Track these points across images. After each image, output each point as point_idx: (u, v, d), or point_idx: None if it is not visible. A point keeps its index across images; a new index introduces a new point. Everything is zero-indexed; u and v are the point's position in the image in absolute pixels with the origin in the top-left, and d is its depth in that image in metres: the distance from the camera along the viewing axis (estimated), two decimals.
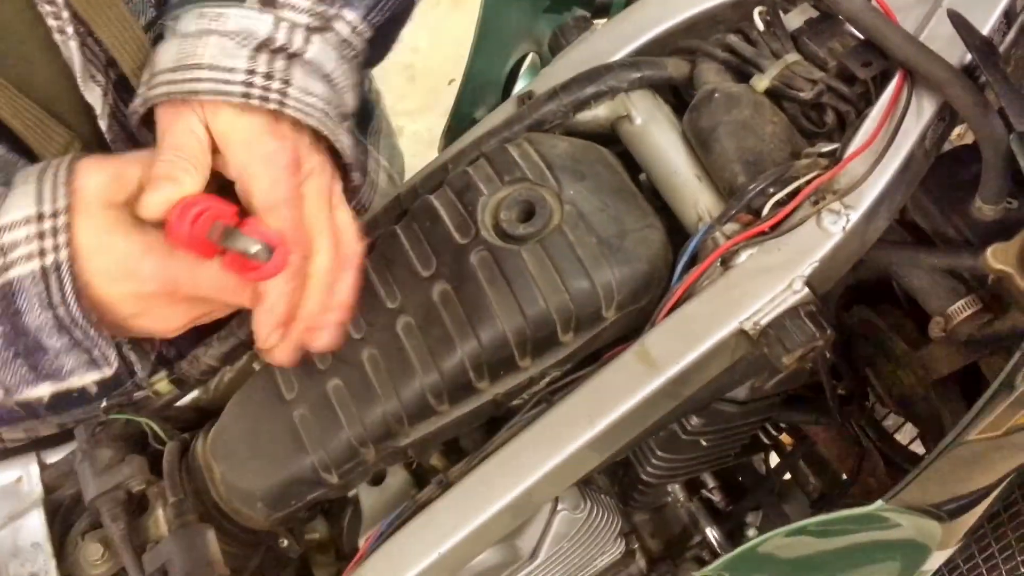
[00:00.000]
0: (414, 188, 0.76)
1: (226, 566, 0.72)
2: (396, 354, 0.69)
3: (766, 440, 1.02)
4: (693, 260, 0.66)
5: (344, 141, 0.58)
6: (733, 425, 0.87)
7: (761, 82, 0.67)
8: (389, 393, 0.69)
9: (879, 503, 0.56)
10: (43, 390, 0.59)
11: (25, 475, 0.80)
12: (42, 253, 0.54)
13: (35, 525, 0.77)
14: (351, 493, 0.82)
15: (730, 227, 0.65)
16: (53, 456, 0.81)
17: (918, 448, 0.96)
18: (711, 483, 1.05)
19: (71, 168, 0.56)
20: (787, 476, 1.13)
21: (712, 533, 1.01)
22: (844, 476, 1.05)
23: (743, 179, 0.64)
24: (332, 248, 0.61)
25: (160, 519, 0.75)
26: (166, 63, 0.56)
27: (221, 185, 0.59)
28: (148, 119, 0.60)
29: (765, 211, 0.63)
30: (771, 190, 0.62)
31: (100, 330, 0.57)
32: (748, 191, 0.62)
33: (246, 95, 0.54)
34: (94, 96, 0.63)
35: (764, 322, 0.62)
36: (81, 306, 0.55)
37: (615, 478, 1.00)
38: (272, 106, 0.54)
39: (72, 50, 0.60)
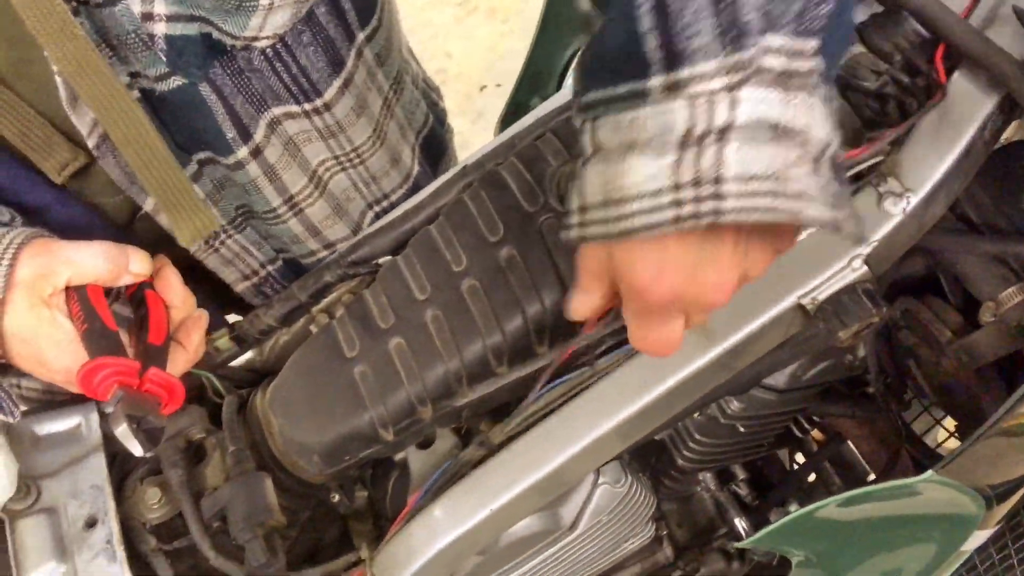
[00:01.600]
0: (480, 162, 0.79)
1: None
2: (460, 315, 0.71)
3: (798, 433, 1.04)
4: None
5: (810, 213, 0.45)
6: (770, 412, 0.90)
7: None
8: (451, 353, 0.71)
9: (930, 472, 0.58)
10: None
11: (85, 422, 0.83)
12: None
13: (95, 468, 0.79)
14: (398, 456, 0.84)
15: None
16: (112, 407, 0.84)
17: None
18: (741, 475, 1.07)
19: (15, 256, 0.66)
20: (812, 476, 1.15)
21: (741, 524, 1.03)
22: (871, 477, 1.07)
23: None
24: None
25: (217, 468, 0.78)
26: (595, 196, 0.48)
27: None
28: None
29: None
30: None
31: (6, 392, 0.70)
32: None
33: (677, 219, 0.45)
34: (83, 122, 0.67)
35: (822, 297, 0.64)
36: None
37: (646, 465, 1.02)
38: (706, 221, 0.45)
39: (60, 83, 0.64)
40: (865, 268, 0.64)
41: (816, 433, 1.05)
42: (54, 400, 0.94)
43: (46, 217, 0.74)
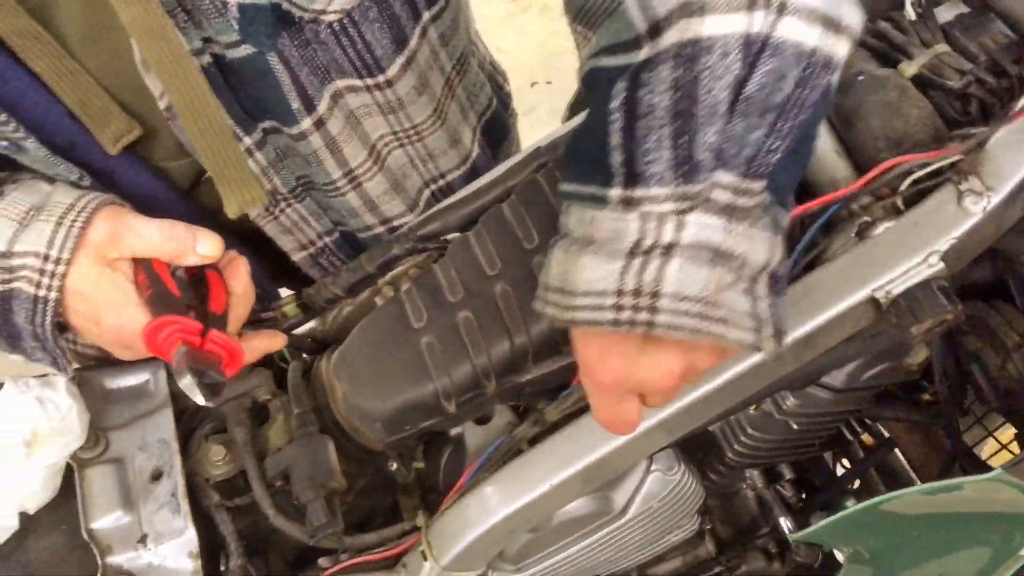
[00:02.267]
0: (554, 144, 0.80)
1: None
2: (529, 292, 0.71)
3: (848, 436, 1.04)
4: (825, 229, 0.69)
5: (731, 336, 0.50)
6: (825, 411, 0.89)
7: (910, 68, 0.69)
8: (518, 328, 0.72)
9: (998, 470, 0.58)
10: (16, 358, 0.73)
11: (153, 378, 0.85)
12: (38, 285, 0.67)
13: (163, 423, 0.81)
14: (453, 431, 0.85)
15: (866, 200, 0.67)
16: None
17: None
18: (788, 475, 1.07)
19: (88, 219, 0.68)
20: (856, 483, 1.14)
21: (786, 523, 1.03)
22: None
23: (886, 156, 0.67)
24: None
25: (280, 430, 0.79)
26: (554, 280, 0.54)
27: None
28: None
29: (903, 187, 0.66)
30: (914, 168, 0.65)
31: (63, 350, 0.71)
32: (893, 167, 0.65)
33: (615, 322, 0.50)
34: (155, 85, 0.69)
35: (896, 292, 0.64)
36: (52, 332, 0.69)
37: (693, 459, 1.03)
38: (640, 330, 0.50)
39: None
40: (942, 265, 0.64)
41: (866, 437, 1.05)
42: (109, 358, 0.96)
43: (112, 178, 0.76)
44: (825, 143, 0.71)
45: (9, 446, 0.72)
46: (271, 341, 0.78)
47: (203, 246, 0.71)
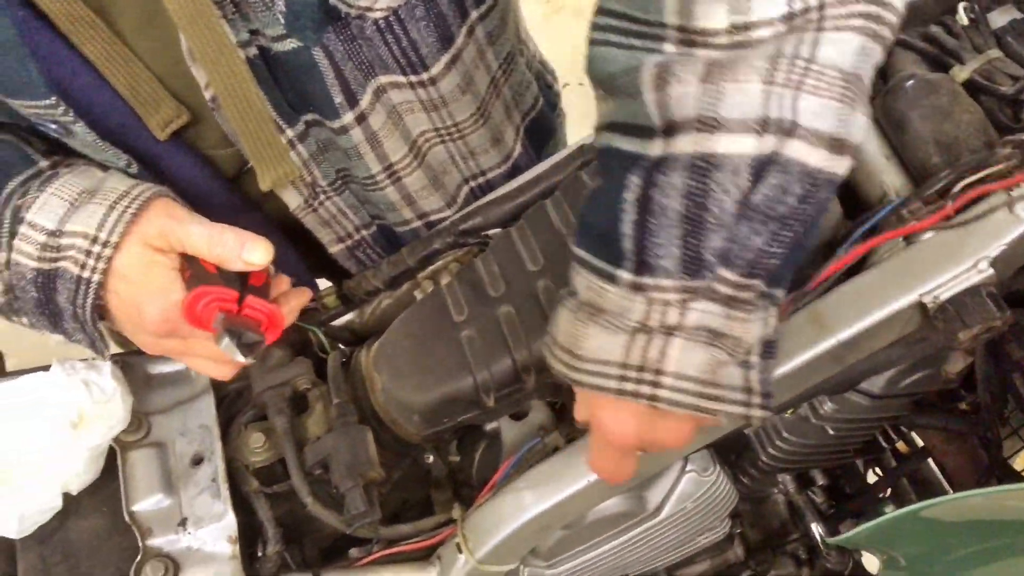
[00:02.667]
0: None
1: None
2: None
3: (883, 443, 1.03)
4: (871, 232, 0.69)
5: (724, 411, 0.55)
6: (862, 417, 0.89)
7: (962, 73, 0.69)
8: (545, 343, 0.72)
9: None
10: (56, 338, 0.72)
11: None
12: (83, 266, 0.68)
13: (204, 410, 0.82)
14: (489, 426, 0.85)
15: (916, 205, 0.67)
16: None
17: None
18: (820, 481, 1.07)
19: (140, 209, 0.69)
20: (887, 492, 1.13)
21: (817, 529, 1.02)
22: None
23: (937, 160, 0.66)
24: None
25: (319, 419, 0.80)
26: (560, 336, 0.58)
27: None
28: None
29: (955, 190, 0.65)
30: (965, 173, 0.65)
31: (102, 334, 0.71)
32: (944, 172, 0.65)
33: (620, 391, 0.55)
34: (200, 74, 0.70)
35: (944, 297, 0.64)
36: (92, 315, 0.69)
37: (726, 461, 1.02)
38: (643, 402, 0.54)
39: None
40: (991, 271, 0.63)
41: (901, 445, 1.04)
42: None
43: (159, 165, 0.77)
44: (875, 148, 0.71)
45: (56, 427, 0.74)
46: (301, 297, 0.79)
47: (250, 254, 0.70)
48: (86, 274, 0.68)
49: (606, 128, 0.57)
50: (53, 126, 0.71)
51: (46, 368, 0.78)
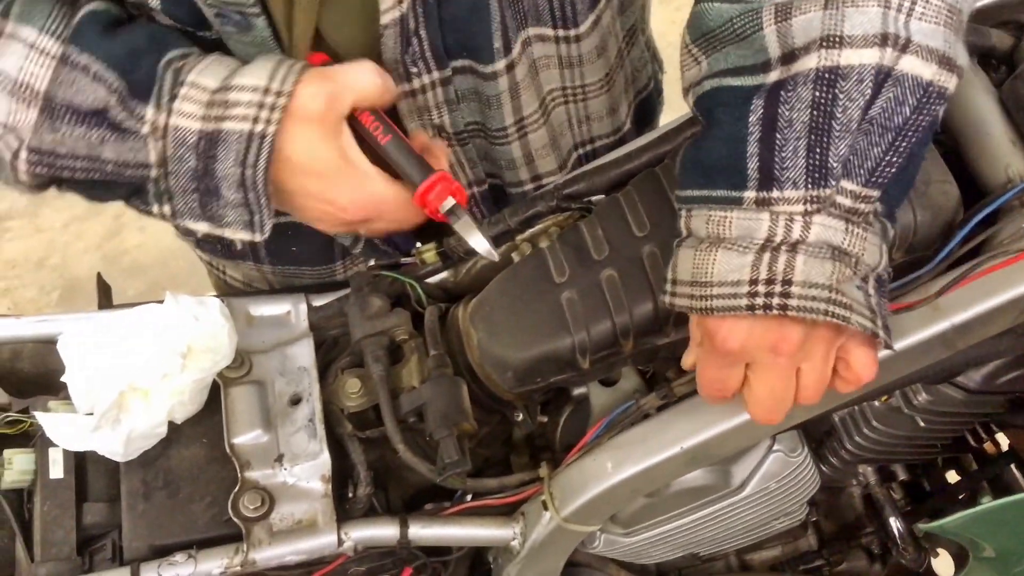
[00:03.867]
0: None
1: None
2: None
3: (972, 442, 1.01)
4: (992, 217, 0.67)
5: (855, 320, 0.56)
6: (955, 411, 0.88)
7: None
8: (664, 290, 0.72)
9: None
10: (200, 227, 0.68)
11: (294, 310, 0.88)
12: (255, 120, 0.63)
13: (304, 352, 0.85)
14: (575, 392, 0.86)
15: None
16: (318, 300, 0.89)
17: None
18: (902, 476, 1.05)
19: (293, 87, 0.64)
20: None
21: (896, 524, 1.01)
22: None
23: None
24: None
25: (414, 370, 0.82)
26: (685, 274, 0.60)
27: None
28: None
29: None
30: None
31: (270, 200, 0.65)
32: None
33: (751, 307, 0.57)
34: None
35: None
36: (266, 174, 0.64)
37: (808, 447, 1.01)
38: (775, 312, 0.56)
39: None
40: None
41: (989, 446, 1.02)
42: (250, 290, 1.00)
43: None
44: (1000, 132, 0.70)
45: (167, 357, 0.76)
46: (445, 155, 0.77)
47: (389, 81, 0.69)
48: (259, 128, 0.63)
49: (710, 77, 0.62)
50: (237, 17, 0.66)
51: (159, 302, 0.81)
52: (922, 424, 0.88)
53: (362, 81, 0.68)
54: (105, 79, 0.63)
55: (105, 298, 0.89)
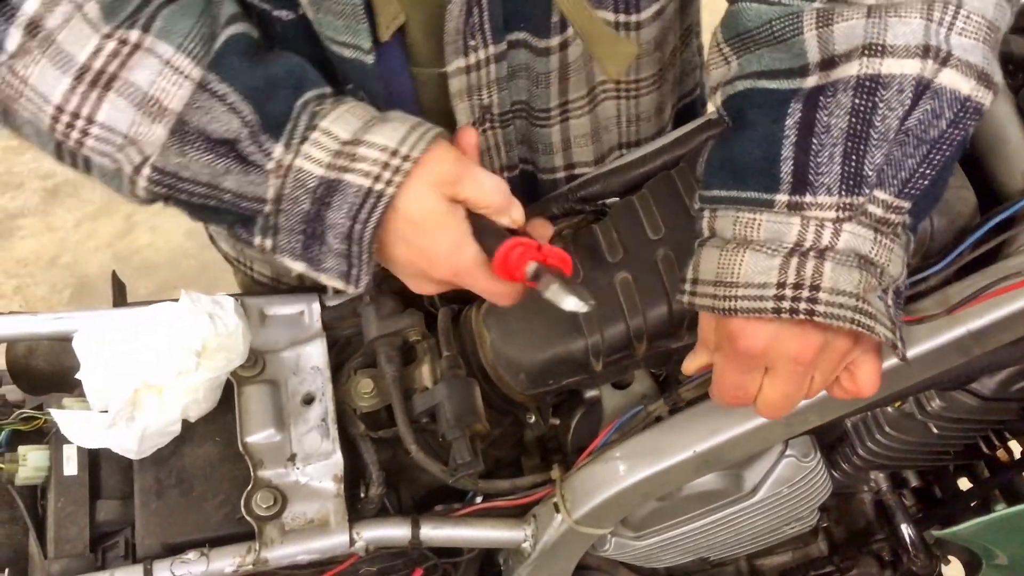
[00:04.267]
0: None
1: None
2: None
3: (985, 450, 1.00)
4: (1008, 222, 0.67)
5: (879, 330, 0.56)
6: (968, 418, 0.87)
7: None
8: (681, 290, 0.72)
9: None
10: (297, 266, 0.67)
11: (307, 310, 0.89)
12: (376, 178, 0.63)
13: (317, 352, 0.85)
14: (588, 395, 0.86)
15: None
16: (332, 300, 0.90)
17: None
18: (914, 482, 1.05)
19: (428, 148, 0.64)
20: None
21: (908, 531, 1.01)
22: None
23: None
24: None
25: (425, 371, 0.82)
26: (708, 274, 0.60)
27: None
28: None
29: None
30: None
31: (371, 257, 0.65)
32: None
33: (777, 310, 0.57)
34: None
35: None
36: (373, 232, 0.64)
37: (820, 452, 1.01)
38: (801, 316, 0.56)
39: None
40: None
41: (1002, 453, 1.01)
42: (279, 287, 1.00)
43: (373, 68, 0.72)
44: (1017, 138, 0.70)
45: (181, 355, 0.77)
46: (548, 229, 0.75)
47: (516, 212, 0.68)
48: (379, 187, 0.63)
49: (743, 78, 0.62)
50: None
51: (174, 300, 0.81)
52: (935, 431, 0.88)
53: (487, 186, 0.66)
54: (240, 111, 0.63)
55: (120, 296, 0.90)
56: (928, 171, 0.56)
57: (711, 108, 0.89)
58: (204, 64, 0.63)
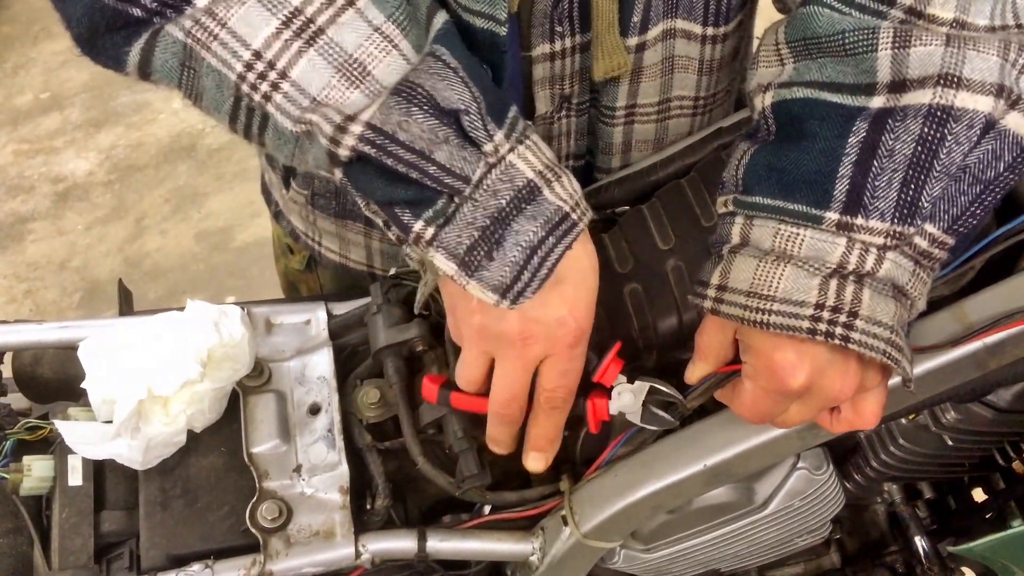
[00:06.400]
0: (737, 124, 0.79)
1: None
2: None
3: (1001, 462, 0.99)
4: None
5: (905, 365, 0.57)
6: (984, 431, 0.86)
7: None
8: (688, 305, 0.71)
9: None
10: (449, 266, 0.62)
11: (313, 319, 0.88)
12: (573, 208, 0.63)
13: (322, 362, 0.84)
14: None
15: None
16: (339, 309, 0.89)
17: None
18: (927, 494, 1.03)
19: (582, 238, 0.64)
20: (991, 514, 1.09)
21: (921, 543, 0.99)
22: None
23: None
24: None
25: None
26: (741, 284, 0.59)
27: None
28: None
29: None
30: None
31: (548, 275, 0.62)
32: None
33: (812, 331, 0.56)
34: None
35: None
36: (563, 253, 0.62)
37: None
38: (836, 341, 0.56)
39: None
40: None
41: (1017, 465, 1.00)
42: (346, 258, 0.98)
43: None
44: None
45: (187, 365, 0.76)
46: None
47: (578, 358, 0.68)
48: (575, 215, 0.63)
49: (801, 85, 0.60)
50: None
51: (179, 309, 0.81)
52: (950, 443, 0.86)
53: (571, 325, 0.64)
54: (470, 86, 0.60)
55: (126, 304, 0.89)
56: (979, 211, 0.56)
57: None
58: (412, 37, 0.61)
